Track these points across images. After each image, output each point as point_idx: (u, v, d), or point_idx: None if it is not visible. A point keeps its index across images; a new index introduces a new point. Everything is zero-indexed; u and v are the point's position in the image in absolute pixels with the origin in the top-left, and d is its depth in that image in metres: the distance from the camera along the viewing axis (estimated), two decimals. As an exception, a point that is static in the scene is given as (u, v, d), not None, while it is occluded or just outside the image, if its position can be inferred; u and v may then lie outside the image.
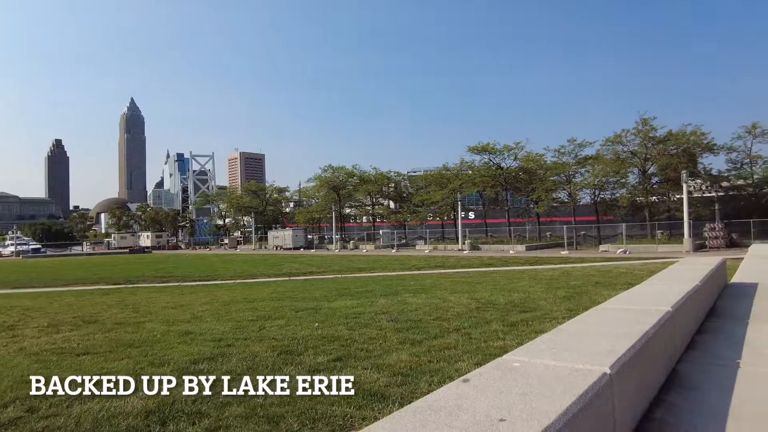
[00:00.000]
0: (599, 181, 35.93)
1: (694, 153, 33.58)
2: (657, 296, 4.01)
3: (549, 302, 8.73)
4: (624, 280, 11.19)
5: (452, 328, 6.73)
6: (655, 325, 3.02)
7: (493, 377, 2.17)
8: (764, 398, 2.79)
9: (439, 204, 45.79)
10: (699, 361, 3.60)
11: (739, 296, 6.33)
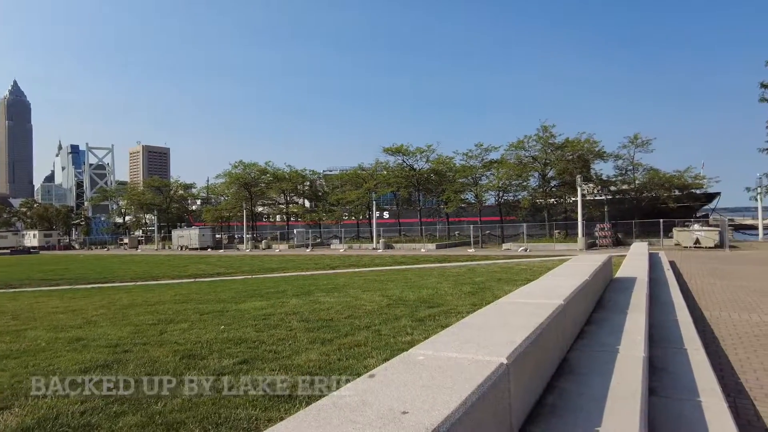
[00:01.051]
0: (503, 183, 38.11)
1: (588, 159, 36.71)
2: (551, 290, 4.31)
3: (455, 298, 9.10)
4: (524, 276, 11.97)
5: (363, 325, 6.78)
6: (549, 317, 3.24)
7: (398, 371, 2.21)
8: (634, 378, 3.10)
9: (354, 203, 45.96)
10: (586, 349, 3.92)
11: (621, 289, 7.01)
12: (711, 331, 7.44)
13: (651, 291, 8.91)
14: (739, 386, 5.10)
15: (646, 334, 4.36)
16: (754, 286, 11.86)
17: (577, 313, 4.41)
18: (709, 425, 3.21)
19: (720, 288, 11.62)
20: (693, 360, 4.61)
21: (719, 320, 8.21)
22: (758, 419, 4.29)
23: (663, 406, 3.58)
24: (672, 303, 7.68)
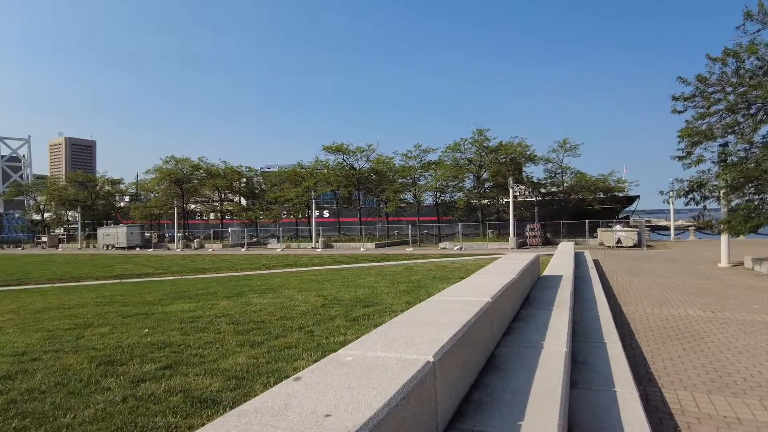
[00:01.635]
0: (441, 184, 38.93)
1: (520, 162, 38.26)
2: (481, 288, 4.41)
3: (391, 296, 9.15)
4: (457, 274, 12.26)
5: (296, 326, 6.64)
6: (476, 315, 3.31)
7: (324, 373, 2.16)
8: (556, 373, 3.23)
9: (293, 202, 45.18)
10: (513, 345, 4.04)
11: (548, 287, 7.32)
12: (628, 325, 7.95)
13: (576, 288, 9.40)
14: (649, 375, 5.47)
15: (569, 330, 4.57)
16: (665, 282, 12.83)
17: (505, 310, 4.55)
18: (622, 413, 3.42)
19: (637, 285, 12.46)
20: (611, 353, 4.89)
21: (635, 315, 8.79)
22: (664, 405, 4.61)
23: (583, 398, 3.77)
24: (594, 299, 8.13)
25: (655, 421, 4.24)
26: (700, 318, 8.40)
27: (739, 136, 14.36)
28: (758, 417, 4.31)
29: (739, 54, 13.95)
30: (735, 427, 4.12)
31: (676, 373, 5.50)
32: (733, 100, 14.32)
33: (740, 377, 5.36)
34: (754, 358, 6.07)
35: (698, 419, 4.28)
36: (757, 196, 14.08)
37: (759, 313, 8.70)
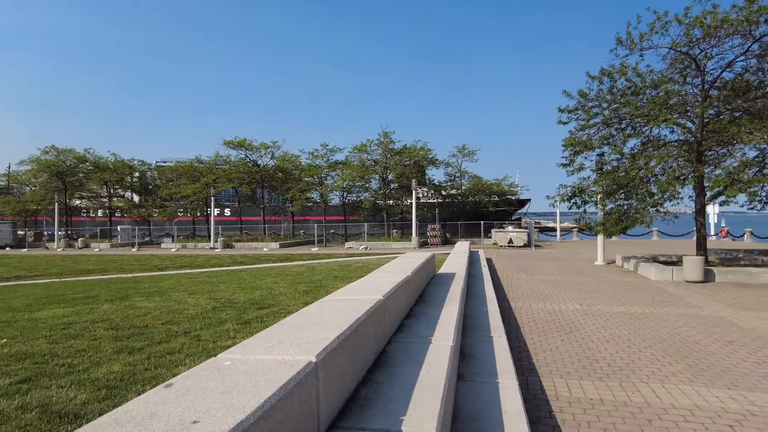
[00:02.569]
0: (347, 184, 39.06)
1: (423, 165, 39.56)
2: (374, 287, 4.46)
3: (288, 297, 8.97)
4: (359, 273, 12.35)
5: (182, 331, 6.24)
6: (367, 313, 3.33)
7: (199, 379, 2.04)
8: (441, 366, 3.35)
9: (190, 198, 42.70)
10: (403, 341, 4.13)
11: (442, 284, 7.61)
12: (515, 320, 8.51)
13: (468, 285, 9.88)
14: (531, 366, 5.89)
15: (457, 325, 4.77)
16: (549, 279, 13.94)
17: (398, 308, 4.64)
18: (502, 402, 3.63)
19: (525, 281, 13.41)
20: (496, 346, 5.19)
21: (522, 309, 9.43)
22: (542, 392, 4.99)
23: (468, 389, 3.95)
24: (485, 296, 8.59)
25: (533, 407, 4.57)
26: (577, 311, 9.22)
27: (612, 147, 16.00)
28: (617, 397, 4.81)
29: (612, 74, 15.56)
30: (598, 407, 4.56)
31: (554, 363, 5.99)
32: (608, 115, 15.92)
33: (605, 363, 5.95)
34: (618, 345, 6.78)
35: (569, 403, 4.69)
36: (626, 201, 15.77)
37: (624, 305, 9.75)
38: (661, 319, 8.42)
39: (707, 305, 9.73)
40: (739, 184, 13.17)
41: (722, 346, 6.68)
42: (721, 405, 4.60)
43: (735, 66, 14.93)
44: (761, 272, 13.14)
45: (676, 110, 14.61)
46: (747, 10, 12.79)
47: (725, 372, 5.58)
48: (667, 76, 15.29)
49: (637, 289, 11.87)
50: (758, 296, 10.71)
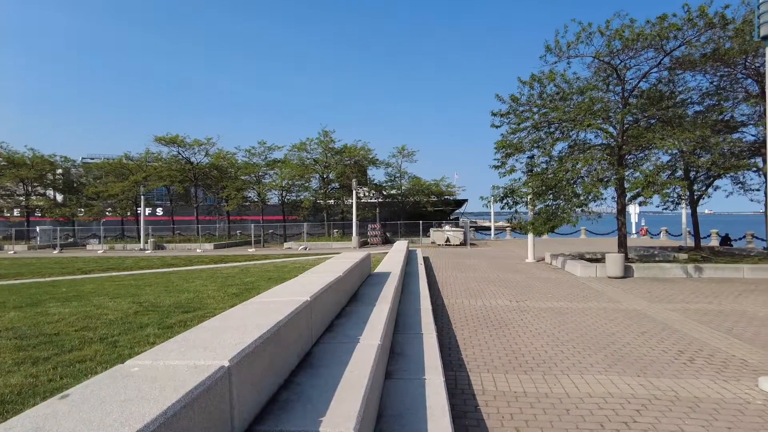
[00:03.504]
0: (286, 183, 38.39)
1: (364, 165, 39.62)
2: (304, 287, 4.40)
3: (217, 300, 8.68)
4: (295, 274, 12.18)
5: (97, 338, 5.86)
6: (290, 315, 3.27)
7: (100, 388, 1.92)
8: (366, 366, 3.35)
9: (119, 197, 40.25)
10: (331, 341, 4.10)
11: (376, 283, 7.64)
12: (448, 316, 8.70)
13: (404, 283, 10.00)
14: (460, 361, 6.03)
15: (387, 323, 4.80)
16: (482, 276, 14.38)
17: (327, 308, 4.60)
18: (428, 398, 3.69)
19: (460, 279, 13.75)
20: (426, 343, 5.27)
21: (455, 306, 9.66)
22: (470, 387, 5.12)
23: (396, 387, 3.98)
24: (419, 293, 8.72)
25: (460, 402, 4.69)
26: (506, 307, 9.57)
27: (542, 150, 16.75)
28: (539, 389, 5.03)
29: (542, 80, 16.29)
30: (521, 400, 4.74)
31: (482, 358, 6.17)
32: (538, 119, 16.66)
33: (530, 357, 6.21)
34: (543, 339, 7.09)
35: (495, 396, 4.84)
36: (554, 202, 16.55)
37: (551, 301, 10.22)
38: (584, 314, 8.90)
39: (625, 299, 10.39)
40: (654, 186, 14.18)
41: (635, 337, 7.15)
42: (631, 392, 4.93)
43: (650, 77, 16.09)
44: (672, 267, 14.22)
45: (600, 116, 15.51)
46: (659, 26, 13.80)
47: (636, 361, 5.98)
48: (592, 84, 16.21)
49: (564, 285, 12.49)
50: (669, 289, 11.58)
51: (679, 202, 19.20)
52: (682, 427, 4.10)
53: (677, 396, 4.81)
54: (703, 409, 4.48)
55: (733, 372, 5.56)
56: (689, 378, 5.34)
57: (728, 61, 14.83)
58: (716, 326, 7.80)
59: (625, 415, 4.36)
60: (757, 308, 9.23)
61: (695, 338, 7.07)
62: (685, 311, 9.02)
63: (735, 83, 16.55)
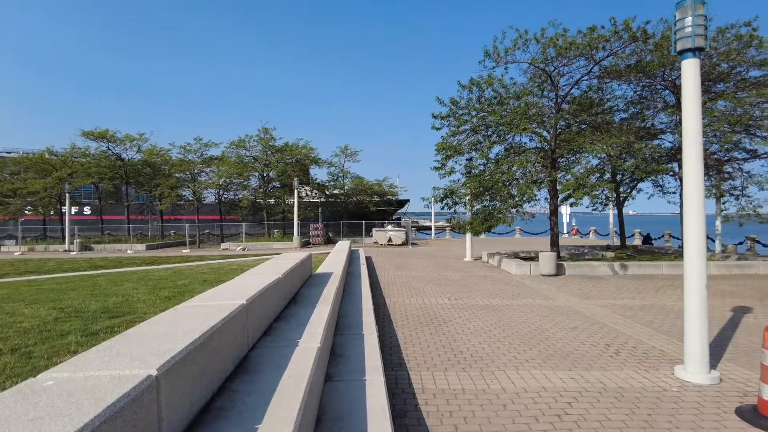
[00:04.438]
0: (224, 181, 37.16)
1: (306, 164, 39.05)
2: (240, 290, 4.25)
3: (147, 304, 8.23)
4: (232, 276, 11.81)
5: (8, 348, 5.35)
6: (225, 319, 3.14)
7: (5, 406, 1.74)
8: (305, 369, 3.28)
9: (40, 195, 37.32)
10: (270, 345, 3.99)
11: (317, 284, 7.53)
12: (389, 316, 8.73)
13: (346, 284, 9.94)
14: (401, 360, 6.06)
15: (327, 325, 4.73)
16: (423, 275, 14.58)
17: (265, 311, 4.48)
18: (368, 399, 3.66)
19: (401, 278, 13.86)
20: (367, 344, 5.25)
21: (396, 305, 9.72)
22: (410, 386, 5.15)
23: (336, 389, 3.93)
24: (361, 294, 8.70)
25: (401, 402, 4.70)
26: (446, 305, 9.74)
27: (480, 152, 17.24)
28: (477, 386, 5.14)
29: (481, 84, 16.75)
30: (460, 397, 4.83)
31: (422, 356, 6.23)
32: (476, 123, 17.12)
33: (469, 354, 6.34)
34: (480, 336, 7.27)
35: (434, 395, 4.90)
36: (491, 203, 17.08)
37: (488, 298, 10.52)
38: (519, 310, 9.22)
39: (558, 296, 10.87)
40: (584, 188, 14.96)
41: (567, 332, 7.49)
42: (563, 385, 5.14)
43: (581, 84, 16.95)
44: (600, 265, 15.05)
45: (535, 120, 16.16)
46: (589, 37, 14.56)
47: (568, 355, 6.26)
48: (528, 89, 16.86)
49: (500, 283, 12.90)
50: (598, 286, 12.24)
51: (607, 203, 20.37)
52: (609, 417, 4.32)
53: (605, 387, 5.08)
54: (627, 398, 4.75)
55: (653, 362, 5.94)
56: (615, 370, 5.65)
57: (649, 72, 15.89)
58: (639, 320, 8.32)
59: (558, 408, 4.54)
60: (673, 302, 9.93)
61: (621, 332, 7.51)
62: (612, 306, 9.57)
63: (655, 93, 17.79)
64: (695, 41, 5.24)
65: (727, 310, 9.02)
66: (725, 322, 8.14)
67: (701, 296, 5.28)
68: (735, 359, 6.06)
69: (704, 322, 5.25)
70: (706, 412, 4.43)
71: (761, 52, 14.78)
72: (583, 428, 4.10)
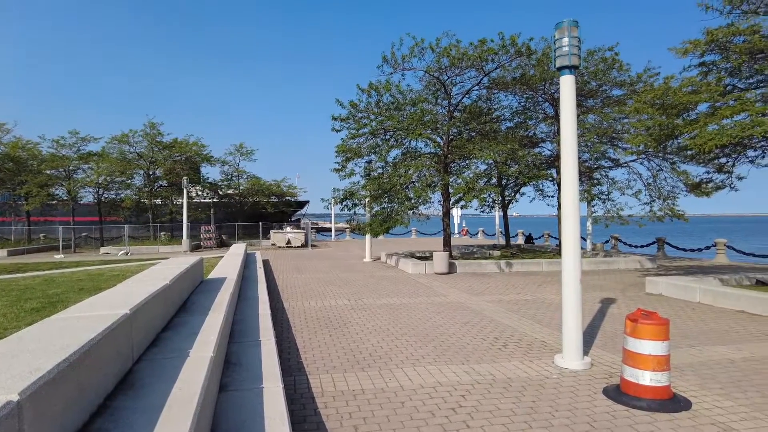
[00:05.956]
0: (104, 179, 33.89)
1: (197, 162, 36.89)
2: (123, 298, 3.91)
3: (9, 319, 7.23)
4: (113, 283, 10.81)
5: None
6: (106, 330, 2.87)
7: None
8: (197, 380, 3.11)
9: None
10: (158, 357, 3.72)
11: (210, 290, 7.17)
12: (288, 320, 8.56)
13: (242, 289, 9.58)
14: (300, 365, 5.97)
15: (221, 333, 4.52)
16: (323, 277, 14.51)
17: (152, 320, 4.17)
18: (266, 407, 3.56)
19: (300, 281, 13.66)
20: (264, 350, 5.10)
21: (295, 309, 9.56)
22: (309, 390, 5.10)
23: (231, 399, 3.76)
24: (257, 298, 8.42)
25: (299, 407, 4.63)
26: (345, 306, 9.78)
27: (379, 155, 17.59)
28: (376, 385, 5.23)
29: (379, 89, 17.09)
30: (359, 397, 4.87)
31: (322, 359, 6.19)
32: (375, 126, 17.44)
33: (368, 354, 6.43)
34: (379, 335, 7.41)
35: (334, 397, 4.89)
36: (389, 205, 17.49)
37: (386, 298, 10.74)
38: (415, 308, 9.53)
39: (450, 293, 11.41)
40: (473, 191, 15.88)
41: (459, 328, 7.89)
42: (457, 379, 5.41)
43: (472, 94, 17.99)
44: (488, 263, 16.08)
45: (429, 127, 16.83)
46: (480, 49, 15.51)
47: (461, 350, 6.60)
48: (423, 96, 17.53)
49: (398, 282, 13.25)
50: (487, 283, 13.05)
51: (494, 205, 21.80)
52: (498, 406, 4.62)
53: (494, 378, 5.42)
54: (515, 388, 5.12)
55: (537, 353, 6.47)
56: (503, 361, 6.07)
57: (532, 85, 17.32)
58: (523, 314, 9.01)
59: (453, 401, 4.76)
60: (552, 296, 10.90)
61: (508, 325, 8.07)
62: (500, 302, 10.26)
63: (537, 105, 19.41)
64: (571, 60, 5.81)
65: (597, 302, 10.10)
66: (595, 312, 9.10)
67: (576, 290, 5.85)
68: (603, 345, 6.81)
69: (579, 314, 5.82)
70: (580, 395, 4.91)
71: (621, 74, 16.80)
72: (476, 419, 4.34)
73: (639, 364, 4.64)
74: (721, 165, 11.79)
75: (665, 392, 4.62)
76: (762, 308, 8.79)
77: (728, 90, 10.52)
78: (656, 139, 10.89)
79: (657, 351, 4.57)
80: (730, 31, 9.84)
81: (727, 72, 10.68)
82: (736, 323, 8.16)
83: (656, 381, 4.58)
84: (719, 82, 10.36)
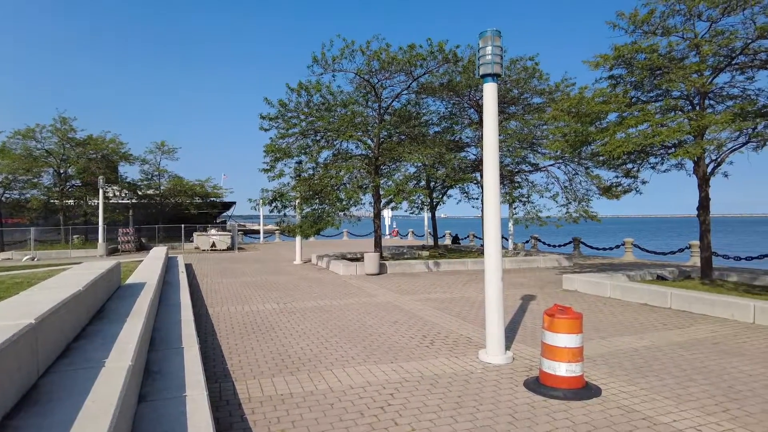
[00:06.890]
0: (5, 178, 30.92)
1: (114, 160, 34.57)
2: (26, 307, 3.62)
3: None
4: (16, 291, 9.88)
5: None
6: (5, 344, 2.65)
7: None
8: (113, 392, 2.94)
9: None
10: (68, 369, 3.47)
11: (127, 296, 6.78)
12: (212, 326, 8.27)
13: (162, 294, 9.13)
14: (226, 371, 5.80)
15: (140, 341, 4.30)
16: (250, 280, 14.15)
17: (62, 330, 3.89)
18: (190, 417, 3.43)
19: (226, 285, 13.23)
20: (187, 358, 4.90)
21: (220, 314, 9.25)
22: (235, 396, 4.97)
23: (152, 410, 3.59)
24: (179, 304, 8.07)
25: (226, 414, 4.50)
26: (274, 310, 9.60)
27: (309, 156, 17.42)
28: (305, 388, 5.19)
29: (309, 89, 16.95)
30: (288, 401, 4.82)
31: (249, 365, 6.05)
32: (305, 127, 17.27)
33: (297, 357, 6.36)
34: (308, 338, 7.35)
35: (261, 402, 4.80)
36: (320, 206, 17.38)
37: (317, 300, 10.67)
38: (345, 309, 9.55)
39: (380, 293, 11.54)
40: (403, 193, 16.18)
41: (388, 327, 8.01)
42: (386, 378, 5.49)
43: (402, 98, 18.32)
44: (417, 263, 16.43)
45: (360, 129, 16.93)
46: (409, 54, 15.83)
47: (390, 349, 6.70)
48: (354, 98, 17.59)
49: (328, 284, 13.20)
50: (415, 283, 13.33)
51: (423, 207, 22.29)
52: (426, 403, 4.75)
53: (422, 375, 5.56)
54: (441, 384, 5.28)
55: (462, 349, 6.71)
56: (431, 359, 6.24)
57: (458, 92, 17.93)
58: (449, 312, 9.30)
59: (381, 400, 4.83)
60: (477, 294, 11.34)
61: (435, 323, 8.30)
62: (427, 300, 10.52)
63: (463, 111, 20.12)
64: (494, 68, 6.09)
65: (518, 299, 10.63)
66: (516, 309, 9.58)
67: (498, 288, 6.14)
68: (524, 340, 7.19)
69: (501, 311, 6.11)
70: (502, 388, 5.16)
71: (541, 83, 17.82)
72: (404, 416, 4.44)
73: (556, 357, 4.95)
74: (628, 170, 12.82)
75: (579, 381, 4.97)
76: (660, 301, 9.69)
77: (633, 101, 11.47)
78: (572, 145, 11.65)
79: (572, 343, 4.91)
80: (633, 49, 10.75)
81: (632, 85, 11.65)
82: (640, 315, 8.92)
83: (571, 371, 4.91)
84: (626, 94, 11.27)
